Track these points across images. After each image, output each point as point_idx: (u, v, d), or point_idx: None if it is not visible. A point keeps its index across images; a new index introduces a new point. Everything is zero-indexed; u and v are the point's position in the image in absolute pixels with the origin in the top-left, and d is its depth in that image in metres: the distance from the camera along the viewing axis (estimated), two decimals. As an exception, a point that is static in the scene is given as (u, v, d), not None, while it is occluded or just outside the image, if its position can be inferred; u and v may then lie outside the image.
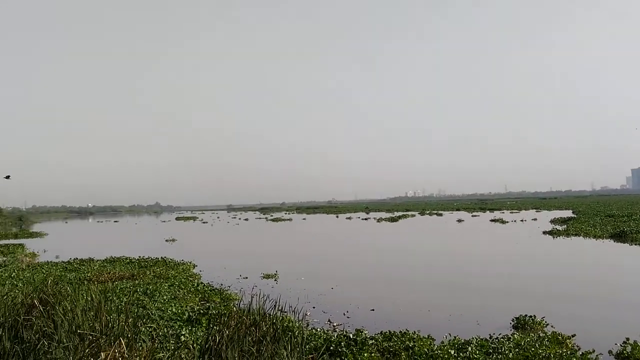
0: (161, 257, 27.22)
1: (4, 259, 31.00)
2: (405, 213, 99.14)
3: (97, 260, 26.76)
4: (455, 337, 10.88)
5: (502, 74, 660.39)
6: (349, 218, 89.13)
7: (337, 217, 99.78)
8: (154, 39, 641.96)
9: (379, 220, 74.82)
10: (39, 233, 66.22)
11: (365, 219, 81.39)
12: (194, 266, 25.10)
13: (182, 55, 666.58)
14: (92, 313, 8.15)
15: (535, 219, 62.67)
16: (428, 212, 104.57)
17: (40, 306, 8.53)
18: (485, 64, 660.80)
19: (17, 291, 10.33)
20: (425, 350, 9.76)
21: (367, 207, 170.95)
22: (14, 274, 21.53)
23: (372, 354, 9.48)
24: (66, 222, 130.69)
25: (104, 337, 7.25)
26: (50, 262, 27.51)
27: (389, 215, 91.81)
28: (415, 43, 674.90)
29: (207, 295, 16.50)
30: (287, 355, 7.59)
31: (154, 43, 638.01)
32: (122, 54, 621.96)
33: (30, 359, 7.35)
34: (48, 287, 9.53)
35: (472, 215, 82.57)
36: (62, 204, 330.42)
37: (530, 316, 12.73)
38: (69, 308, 8.19)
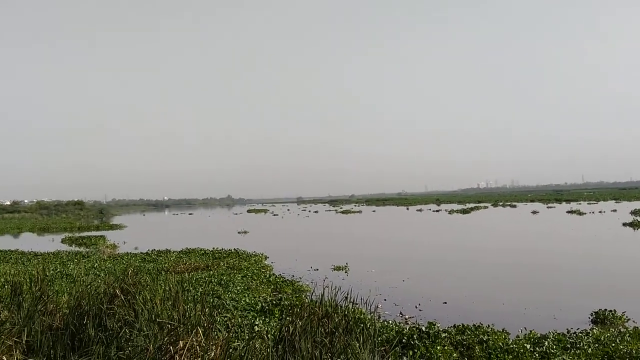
0: (234, 249, 27.82)
1: (87, 250, 32.52)
2: (477, 205, 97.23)
3: (174, 252, 27.62)
4: (530, 331, 10.61)
5: (566, 67, 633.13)
6: (420, 210, 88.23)
7: (407, 209, 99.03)
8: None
9: (451, 212, 73.70)
10: (119, 225, 68.98)
11: (436, 211, 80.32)
12: (266, 258, 25.50)
13: (254, 53, 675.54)
14: (170, 303, 8.39)
15: (614, 210, 60.16)
16: (501, 203, 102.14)
17: (121, 295, 8.86)
18: (551, 58, 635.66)
19: (99, 281, 10.76)
20: (500, 344, 9.56)
21: (438, 198, 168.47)
22: (96, 264, 22.52)
23: (445, 347, 9.36)
24: (144, 215, 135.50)
25: (181, 326, 7.46)
26: (130, 253, 28.63)
27: (460, 207, 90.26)
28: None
29: (279, 286, 16.74)
30: (359, 347, 7.59)
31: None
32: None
33: (113, 346, 7.66)
34: (128, 277, 9.88)
35: (548, 207, 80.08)
36: (139, 197, 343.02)
37: (610, 311, 12.26)
38: (149, 298, 8.47)
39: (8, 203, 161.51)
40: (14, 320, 8.57)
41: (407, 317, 13.09)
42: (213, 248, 28.66)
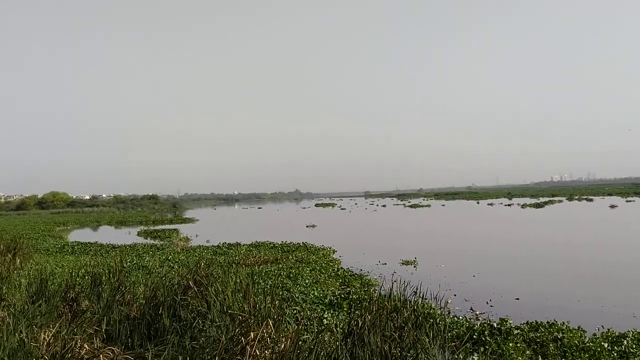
0: (302, 243, 28.08)
1: (162, 242, 33.59)
2: (551, 198, 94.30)
3: (244, 245, 28.15)
4: (608, 329, 10.21)
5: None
6: (491, 204, 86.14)
7: (477, 203, 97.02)
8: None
9: (523, 206, 71.75)
10: (191, 219, 70.87)
11: (508, 205, 78.33)
12: (334, 251, 25.59)
13: (323, 48, 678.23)
14: (240, 295, 8.56)
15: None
16: (577, 197, 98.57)
17: (194, 287, 9.12)
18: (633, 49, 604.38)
19: (173, 273, 11.10)
20: (576, 342, 9.24)
21: (510, 192, 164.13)
22: (170, 256, 23.23)
23: (518, 344, 9.12)
24: (215, 209, 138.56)
25: (252, 317, 7.59)
26: (202, 246, 29.37)
27: (533, 200, 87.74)
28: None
29: (347, 280, 16.76)
30: (429, 342, 7.51)
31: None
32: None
33: (187, 336, 7.89)
34: (201, 269, 10.15)
35: (627, 201, 76.69)
36: (210, 191, 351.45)
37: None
38: (220, 289, 8.67)
39: (87, 197, 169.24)
40: (94, 310, 8.97)
41: (477, 313, 12.85)
42: (282, 241, 29.02)
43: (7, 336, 6.87)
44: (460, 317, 11.37)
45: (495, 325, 10.10)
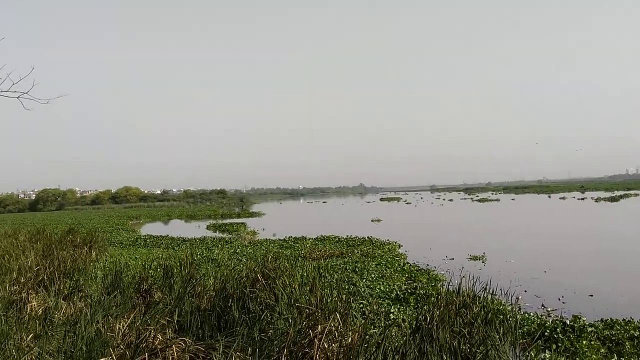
0: (367, 237, 28.05)
1: (230, 236, 34.26)
2: (627, 192, 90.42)
3: (309, 239, 28.35)
4: (691, 329, 9.68)
5: None
6: (563, 198, 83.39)
7: (549, 197, 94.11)
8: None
9: (597, 200, 69.11)
10: (258, 213, 71.99)
11: (581, 199, 75.61)
12: (399, 246, 25.40)
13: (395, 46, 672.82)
14: (307, 288, 8.61)
15: None
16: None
17: (262, 280, 9.24)
18: None
19: (242, 266, 11.30)
20: (655, 341, 8.82)
21: (582, 185, 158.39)
22: (238, 249, 23.66)
23: (592, 342, 8.80)
24: (280, 203, 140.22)
25: (319, 311, 7.62)
26: (268, 239, 29.76)
27: (608, 194, 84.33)
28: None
29: (413, 275, 16.60)
30: (499, 338, 7.34)
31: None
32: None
33: (256, 328, 8.01)
34: (268, 262, 10.27)
35: None
36: (276, 186, 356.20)
37: None
38: (288, 282, 8.75)
39: (158, 192, 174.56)
40: (166, 301, 9.23)
41: (549, 309, 12.46)
42: (347, 235, 29.07)
43: (84, 326, 7.16)
44: (532, 314, 11.06)
45: (568, 322, 9.78)
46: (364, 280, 14.96)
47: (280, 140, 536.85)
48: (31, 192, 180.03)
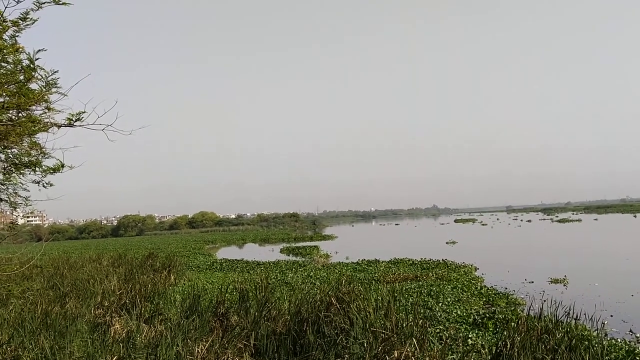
0: (442, 259, 27.53)
1: (303, 259, 34.45)
2: None
3: (383, 262, 28.10)
4: None
5: None
6: (650, 217, 79.15)
7: (634, 217, 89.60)
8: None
9: (688, 218, 65.30)
10: (330, 236, 72.11)
11: (670, 218, 71.62)
12: (476, 269, 24.79)
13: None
14: (382, 312, 8.53)
15: None
16: None
17: (337, 304, 9.22)
18: None
19: (315, 289, 11.32)
20: None
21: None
22: (312, 273, 23.73)
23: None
24: (352, 226, 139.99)
25: (395, 335, 7.53)
26: (341, 262, 29.71)
27: (700, 213, 79.56)
28: None
29: (491, 298, 16.13)
30: (585, 367, 7.02)
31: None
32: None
33: (331, 352, 7.99)
34: (342, 286, 10.25)
35: None
36: (348, 208, 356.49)
37: None
38: (362, 307, 8.70)
39: (233, 216, 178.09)
40: (243, 325, 9.35)
41: (638, 335, 11.80)
42: (421, 258, 28.63)
43: (165, 349, 7.36)
44: (619, 340, 10.48)
45: (660, 349, 9.23)
46: (440, 304, 14.65)
47: (353, 163, 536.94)
48: (113, 218, 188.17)
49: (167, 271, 21.27)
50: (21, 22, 8.16)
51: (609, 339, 10.37)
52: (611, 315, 13.87)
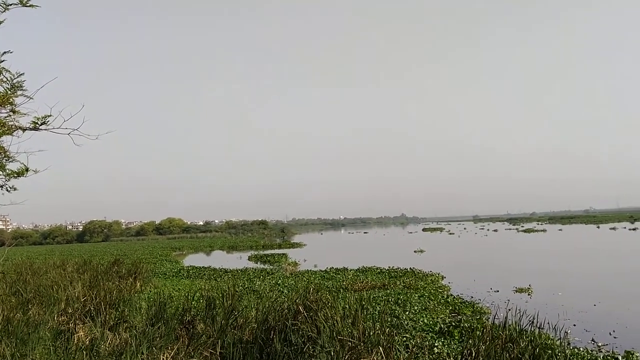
0: (410, 268, 27.71)
1: (271, 267, 34.32)
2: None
3: (351, 270, 28.16)
4: None
5: None
6: (613, 229, 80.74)
7: (597, 227, 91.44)
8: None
9: (650, 230, 66.90)
10: (299, 244, 72.00)
11: (633, 230, 73.23)
12: (443, 277, 25.02)
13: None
14: (349, 320, 8.54)
15: None
16: None
17: (304, 312, 9.20)
18: None
19: (283, 297, 11.30)
20: None
21: (632, 215, 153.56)
22: (280, 281, 23.64)
23: (648, 380, 8.45)
24: (321, 234, 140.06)
25: (362, 344, 7.55)
26: (310, 270, 29.68)
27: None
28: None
29: (457, 307, 16.29)
30: (548, 375, 7.13)
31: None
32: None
33: (298, 361, 7.97)
34: (310, 294, 10.23)
35: None
36: (317, 216, 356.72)
37: None
38: (330, 315, 8.69)
39: (201, 223, 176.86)
40: (209, 333, 9.27)
41: (600, 344, 12.03)
42: (389, 267, 28.77)
43: (130, 357, 7.25)
44: (581, 349, 10.68)
45: (620, 358, 9.43)
46: (407, 312, 14.73)
47: (321, 171, 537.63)
48: (78, 224, 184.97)
49: (133, 278, 20.99)
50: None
51: (571, 348, 10.56)
52: (574, 325, 14.12)
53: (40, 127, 8.72)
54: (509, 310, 8.90)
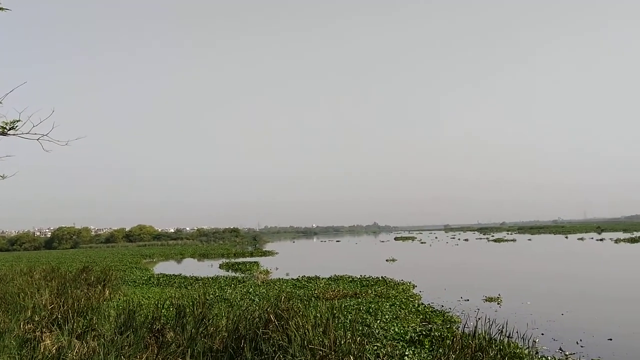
0: (382, 277, 27.81)
1: (243, 275, 34.13)
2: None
3: (323, 278, 28.15)
4: None
5: None
6: (581, 239, 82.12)
7: (566, 237, 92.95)
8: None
9: (617, 241, 68.12)
10: (271, 252, 71.73)
11: (600, 240, 74.57)
12: (414, 286, 25.15)
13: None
14: (321, 329, 8.54)
15: None
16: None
17: (275, 321, 9.18)
18: None
19: (254, 306, 11.24)
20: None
21: (599, 226, 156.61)
22: (251, 289, 23.52)
23: (614, 389, 8.59)
24: (293, 242, 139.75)
25: (332, 353, 7.54)
26: (281, 279, 29.57)
27: (627, 235, 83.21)
28: None
29: (428, 316, 16.39)
30: (517, 384, 7.21)
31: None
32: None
33: (268, 370, 7.93)
34: (281, 303, 10.21)
35: None
36: (289, 224, 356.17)
37: None
38: (301, 323, 8.68)
39: (172, 230, 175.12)
40: (179, 342, 9.17)
41: (567, 353, 12.20)
42: (361, 275, 28.84)
43: (97, 365, 7.13)
44: (549, 358, 10.83)
45: (587, 367, 9.58)
46: (378, 321, 14.77)
47: (294, 179, 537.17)
48: (47, 230, 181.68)
49: (102, 285, 20.69)
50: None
51: (539, 356, 10.70)
52: (542, 334, 14.30)
53: (8, 132, 8.57)
54: (479, 319, 8.98)
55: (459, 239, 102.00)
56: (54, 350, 9.06)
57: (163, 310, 11.42)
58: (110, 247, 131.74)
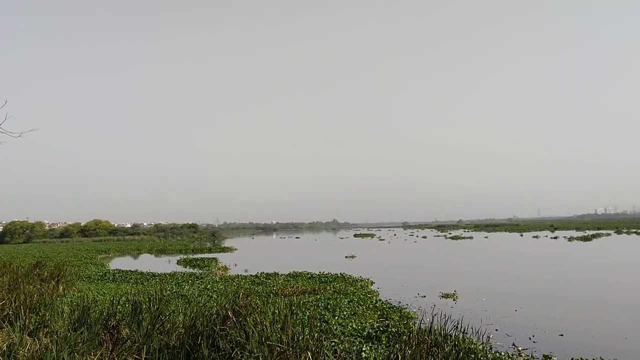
0: (340, 273, 27.95)
1: (201, 271, 33.84)
2: (598, 232, 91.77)
3: (282, 275, 28.14)
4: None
5: None
6: (536, 237, 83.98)
7: (521, 235, 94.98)
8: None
9: (570, 239, 69.91)
10: (230, 248, 71.34)
11: (554, 238, 76.43)
12: (372, 283, 25.36)
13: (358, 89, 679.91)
14: (279, 325, 8.54)
15: None
16: (625, 230, 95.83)
17: (233, 317, 9.12)
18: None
19: (212, 302, 11.15)
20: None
21: (552, 225, 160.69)
22: (209, 285, 23.35)
23: (564, 384, 8.83)
24: (253, 238, 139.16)
25: (290, 349, 7.55)
26: (240, 275, 29.46)
27: (579, 234, 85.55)
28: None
29: (385, 312, 16.56)
30: (470, 379, 7.34)
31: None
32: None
33: (225, 367, 7.88)
34: (239, 299, 10.16)
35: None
36: (249, 220, 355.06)
37: None
38: (259, 320, 8.66)
39: (129, 226, 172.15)
40: (135, 338, 9.04)
41: (520, 348, 12.49)
42: (320, 272, 28.93)
43: (50, 363, 6.98)
44: (502, 353, 11.07)
45: (538, 362, 9.82)
46: (336, 317, 14.86)
47: (253, 175, 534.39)
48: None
49: (56, 281, 20.24)
50: None
51: (493, 352, 10.92)
52: (496, 330, 14.61)
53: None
54: (435, 315, 9.10)
55: (417, 237, 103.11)
56: (4, 347, 8.82)
57: (119, 307, 11.23)
58: (64, 242, 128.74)
